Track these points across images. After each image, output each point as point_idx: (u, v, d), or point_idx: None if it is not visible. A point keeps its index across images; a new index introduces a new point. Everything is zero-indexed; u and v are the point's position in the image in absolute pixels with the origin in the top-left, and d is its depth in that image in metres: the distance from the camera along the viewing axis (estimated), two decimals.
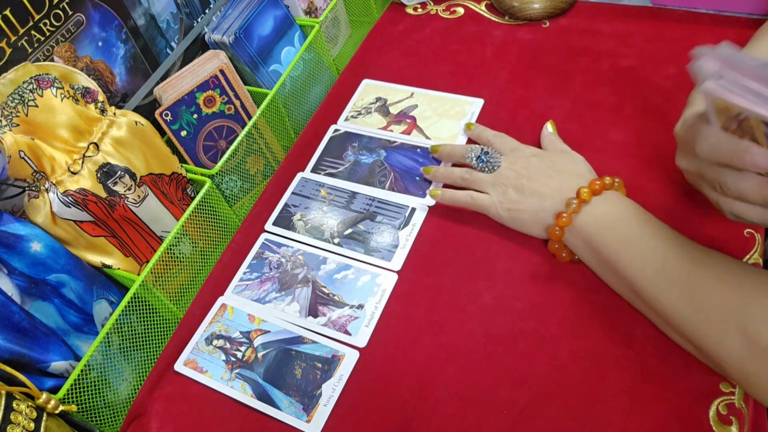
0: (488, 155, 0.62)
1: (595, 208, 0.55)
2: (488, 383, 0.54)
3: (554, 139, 0.65)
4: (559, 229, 0.56)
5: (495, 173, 0.62)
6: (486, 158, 0.62)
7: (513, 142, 0.65)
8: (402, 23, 0.87)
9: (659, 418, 0.49)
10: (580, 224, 0.55)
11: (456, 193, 0.63)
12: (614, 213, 0.54)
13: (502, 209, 0.60)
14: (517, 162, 0.61)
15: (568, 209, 0.55)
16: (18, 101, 0.54)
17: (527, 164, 0.61)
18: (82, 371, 0.53)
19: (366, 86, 0.80)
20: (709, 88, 0.38)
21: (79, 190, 0.56)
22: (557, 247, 0.58)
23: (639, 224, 0.52)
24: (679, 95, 0.68)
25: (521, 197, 0.59)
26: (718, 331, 0.45)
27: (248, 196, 0.74)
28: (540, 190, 0.58)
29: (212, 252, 0.68)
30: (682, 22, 0.76)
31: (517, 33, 0.81)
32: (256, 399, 0.56)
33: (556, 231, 0.56)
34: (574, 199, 0.55)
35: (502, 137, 0.65)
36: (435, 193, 0.65)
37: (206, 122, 0.70)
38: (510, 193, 0.60)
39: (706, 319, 0.46)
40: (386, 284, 0.61)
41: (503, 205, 0.60)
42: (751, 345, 0.43)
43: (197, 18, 0.75)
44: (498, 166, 0.62)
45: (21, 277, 0.53)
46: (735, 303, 0.45)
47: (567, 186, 0.57)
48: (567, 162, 0.60)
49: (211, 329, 0.61)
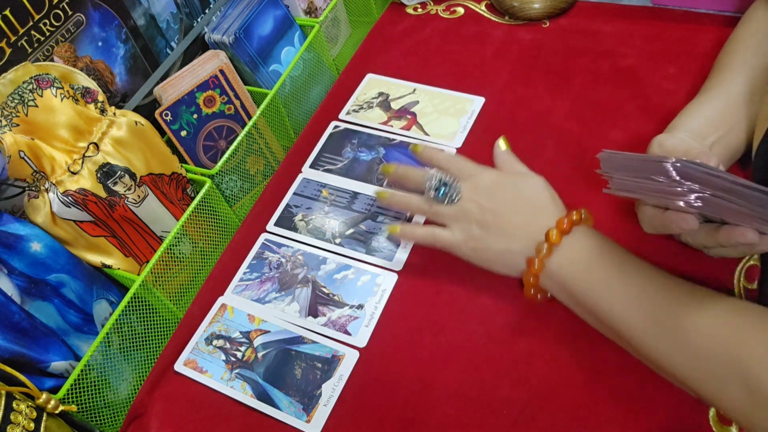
0: (448, 186, 0.57)
1: (567, 249, 0.52)
2: (488, 383, 0.54)
3: (510, 159, 0.61)
4: (533, 277, 0.53)
5: (457, 206, 0.57)
6: (446, 190, 0.57)
7: (469, 167, 0.60)
8: (402, 23, 0.87)
9: (659, 418, 0.49)
10: (554, 268, 0.52)
11: (416, 230, 0.59)
12: (587, 253, 0.51)
13: (466, 248, 0.56)
14: (479, 193, 0.57)
15: (539, 255, 0.52)
16: (18, 101, 0.54)
17: (490, 195, 0.56)
18: (82, 371, 0.53)
19: (369, 80, 0.80)
20: (610, 191, 0.48)
21: (79, 190, 0.56)
22: (532, 292, 0.54)
23: (616, 265, 0.50)
24: (679, 95, 0.68)
25: (486, 235, 0.55)
26: (717, 379, 0.42)
27: (248, 196, 0.74)
28: (506, 228, 0.54)
29: (212, 252, 0.68)
30: (682, 22, 0.76)
31: (517, 33, 0.81)
32: (256, 399, 0.56)
33: (530, 279, 0.53)
34: (544, 243, 0.52)
35: (457, 161, 0.60)
36: (393, 230, 0.60)
37: (206, 122, 0.70)
38: (474, 230, 0.55)
39: (703, 367, 0.43)
40: (386, 284, 0.61)
41: (467, 243, 0.56)
42: (754, 394, 0.40)
43: (197, 18, 0.75)
44: (459, 198, 0.57)
45: (21, 277, 0.53)
46: (733, 349, 0.42)
47: (534, 225, 0.54)
48: (530, 190, 0.56)
49: (211, 329, 0.61)
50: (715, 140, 0.55)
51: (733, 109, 0.56)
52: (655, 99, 0.69)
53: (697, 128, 0.55)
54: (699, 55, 0.71)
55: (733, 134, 0.56)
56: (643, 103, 0.69)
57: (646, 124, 0.67)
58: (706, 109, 0.57)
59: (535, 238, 0.53)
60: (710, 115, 0.56)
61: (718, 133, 0.55)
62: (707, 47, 0.71)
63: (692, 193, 0.41)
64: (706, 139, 0.55)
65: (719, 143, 0.55)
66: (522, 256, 0.54)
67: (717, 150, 0.55)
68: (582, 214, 0.53)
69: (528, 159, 0.68)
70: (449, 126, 0.73)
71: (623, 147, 0.66)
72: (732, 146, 0.56)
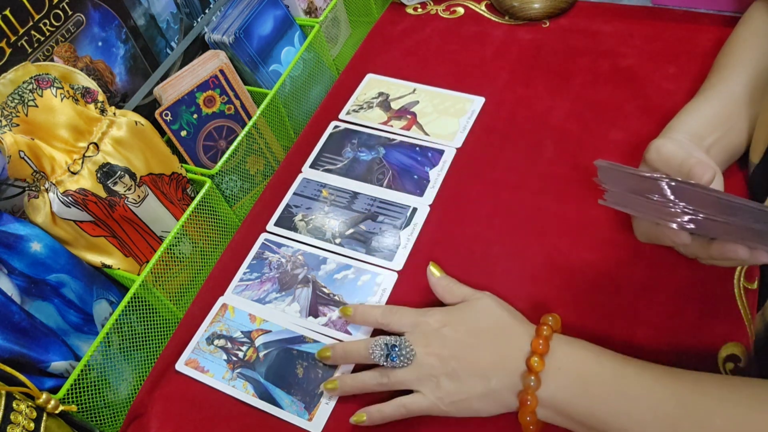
0: (397, 349, 0.51)
1: (555, 373, 0.47)
2: None
3: (447, 285, 0.56)
4: (530, 414, 0.47)
5: (414, 366, 0.50)
6: (396, 353, 0.51)
7: (408, 315, 0.54)
8: (402, 23, 0.87)
9: None
10: (547, 397, 0.46)
11: (383, 408, 0.51)
12: (577, 369, 0.47)
13: (445, 406, 0.49)
14: (432, 342, 0.51)
15: (528, 391, 0.46)
16: (18, 101, 0.54)
17: (443, 341, 0.51)
18: (82, 371, 0.53)
19: (369, 80, 0.80)
20: (605, 203, 0.49)
21: (79, 190, 0.56)
22: (532, 429, 0.48)
23: (614, 375, 0.46)
24: (679, 95, 0.68)
25: (460, 384, 0.49)
26: None
27: (248, 196, 0.74)
28: (477, 369, 0.49)
29: (212, 252, 0.68)
30: (682, 22, 0.76)
31: (517, 33, 0.81)
32: (258, 398, 0.56)
33: (527, 418, 0.47)
34: (529, 375, 0.47)
35: (392, 312, 0.55)
36: (359, 418, 0.52)
37: (206, 122, 0.70)
38: (445, 384, 0.49)
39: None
40: (386, 284, 0.61)
41: (444, 401, 0.49)
42: None
43: (197, 18, 0.75)
44: (413, 354, 0.50)
45: (21, 277, 0.53)
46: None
47: (507, 355, 0.49)
48: (484, 317, 0.52)
49: (212, 329, 0.61)
50: (714, 141, 0.55)
51: (733, 109, 0.56)
52: (655, 99, 0.69)
53: (695, 129, 0.55)
54: (699, 55, 0.71)
55: (732, 134, 0.56)
56: (642, 103, 0.69)
57: (646, 124, 0.67)
58: (705, 109, 0.57)
59: (514, 369, 0.48)
60: (709, 116, 0.56)
61: (716, 133, 0.55)
62: (707, 47, 0.72)
63: (685, 214, 0.42)
64: (704, 140, 0.55)
65: (718, 143, 0.55)
66: (508, 392, 0.48)
67: (716, 150, 0.55)
68: (550, 321, 0.50)
69: (528, 159, 0.68)
70: (449, 126, 0.73)
71: (623, 147, 0.66)
72: (731, 146, 0.56)
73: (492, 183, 0.67)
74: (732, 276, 0.55)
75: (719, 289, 0.54)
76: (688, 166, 0.47)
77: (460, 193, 0.67)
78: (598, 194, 0.63)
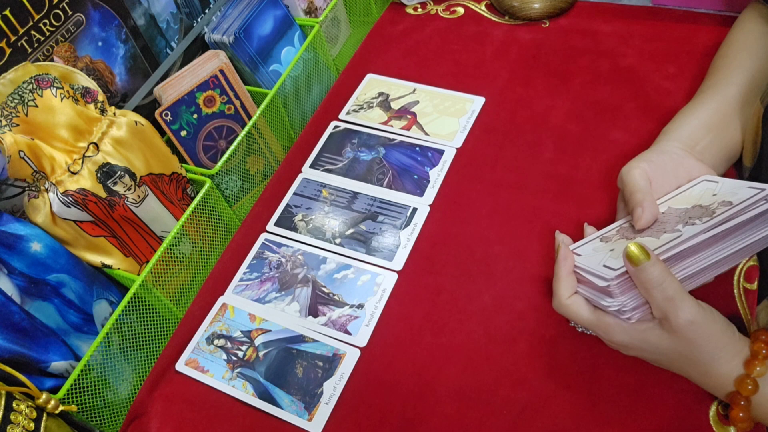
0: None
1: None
2: (488, 383, 0.54)
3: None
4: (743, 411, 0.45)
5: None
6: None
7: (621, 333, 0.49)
8: (402, 23, 0.87)
9: (659, 418, 0.49)
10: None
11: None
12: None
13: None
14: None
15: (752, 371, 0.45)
16: (18, 101, 0.54)
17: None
18: (82, 371, 0.53)
19: (369, 80, 0.80)
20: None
21: (79, 190, 0.56)
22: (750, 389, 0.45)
23: None
24: (678, 95, 0.68)
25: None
26: None
27: (248, 196, 0.74)
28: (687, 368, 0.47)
29: (212, 252, 0.68)
30: (682, 22, 0.76)
31: (517, 33, 0.81)
32: (258, 398, 0.56)
33: (740, 414, 0.45)
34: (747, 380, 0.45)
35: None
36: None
37: (206, 122, 0.70)
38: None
39: None
40: (386, 284, 0.61)
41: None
42: None
43: (197, 18, 0.75)
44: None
45: (21, 277, 0.53)
46: None
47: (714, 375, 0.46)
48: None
49: (212, 329, 0.61)
50: (707, 144, 0.55)
51: (726, 112, 0.57)
52: (655, 99, 0.69)
53: (688, 134, 0.56)
54: (699, 55, 0.71)
55: (726, 137, 0.56)
56: (642, 103, 0.69)
57: (646, 124, 0.67)
58: (699, 114, 0.57)
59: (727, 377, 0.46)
60: (702, 120, 0.57)
61: (709, 137, 0.56)
62: (707, 47, 0.72)
63: (625, 308, 0.46)
64: (697, 145, 0.55)
65: (712, 146, 0.55)
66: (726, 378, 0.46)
67: (710, 153, 0.55)
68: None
69: (528, 159, 0.68)
70: (449, 126, 0.73)
71: (623, 146, 0.66)
72: (726, 148, 0.56)
73: (492, 183, 0.67)
74: (732, 276, 0.55)
75: (719, 289, 0.54)
76: (632, 204, 0.50)
77: (460, 193, 0.67)
78: (598, 194, 0.63)
